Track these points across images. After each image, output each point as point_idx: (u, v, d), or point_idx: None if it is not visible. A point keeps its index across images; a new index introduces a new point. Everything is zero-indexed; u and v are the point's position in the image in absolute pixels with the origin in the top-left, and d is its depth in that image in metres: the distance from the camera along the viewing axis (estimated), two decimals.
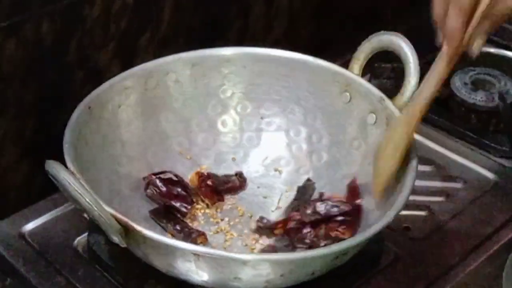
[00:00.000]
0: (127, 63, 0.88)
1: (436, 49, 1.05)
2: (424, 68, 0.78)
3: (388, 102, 0.79)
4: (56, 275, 0.74)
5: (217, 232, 0.78)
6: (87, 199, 0.63)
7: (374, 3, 1.19)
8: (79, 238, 0.78)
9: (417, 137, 0.90)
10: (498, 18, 0.68)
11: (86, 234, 0.77)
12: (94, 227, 0.69)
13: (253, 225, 0.79)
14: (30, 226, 0.79)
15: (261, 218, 0.79)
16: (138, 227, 0.64)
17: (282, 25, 1.08)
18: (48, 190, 0.78)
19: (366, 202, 0.77)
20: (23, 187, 0.86)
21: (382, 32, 0.80)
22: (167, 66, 0.83)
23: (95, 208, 0.63)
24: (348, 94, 0.82)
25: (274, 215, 0.81)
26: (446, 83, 0.97)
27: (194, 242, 0.73)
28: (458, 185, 0.88)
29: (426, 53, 0.96)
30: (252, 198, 0.83)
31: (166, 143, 0.84)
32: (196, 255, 0.64)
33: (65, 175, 0.63)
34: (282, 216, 0.79)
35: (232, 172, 0.85)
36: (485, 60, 1.04)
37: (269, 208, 0.82)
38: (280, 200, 0.82)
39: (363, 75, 0.85)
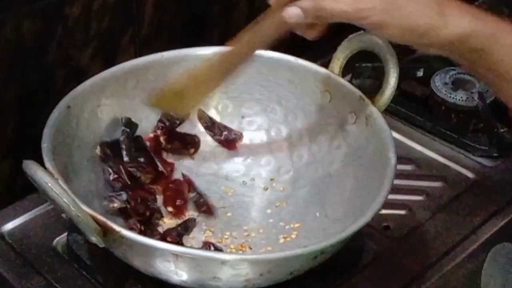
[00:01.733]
0: (109, 63, 0.88)
1: (415, 50, 1.06)
2: (402, 69, 0.79)
3: (367, 101, 0.79)
4: (35, 275, 0.74)
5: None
6: (64, 199, 0.63)
7: None
8: (58, 238, 0.78)
9: (397, 136, 0.92)
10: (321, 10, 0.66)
11: (65, 234, 0.77)
12: (73, 227, 0.69)
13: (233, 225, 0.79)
14: (9, 226, 0.79)
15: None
16: (117, 227, 0.64)
17: None
18: (29, 190, 0.78)
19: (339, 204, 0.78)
20: (3, 187, 0.86)
21: (361, 32, 0.80)
22: (148, 65, 0.83)
23: (73, 208, 0.63)
24: (328, 93, 0.83)
25: (254, 214, 0.81)
26: (426, 83, 0.99)
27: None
28: (438, 184, 0.88)
29: (406, 53, 0.97)
30: (233, 197, 0.83)
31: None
32: (175, 255, 0.64)
33: (42, 175, 0.63)
34: (260, 215, 0.80)
35: (213, 170, 0.85)
36: None
37: (247, 206, 0.82)
38: (259, 199, 0.83)
39: (344, 74, 0.86)
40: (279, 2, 0.68)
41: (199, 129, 0.86)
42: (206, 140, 0.87)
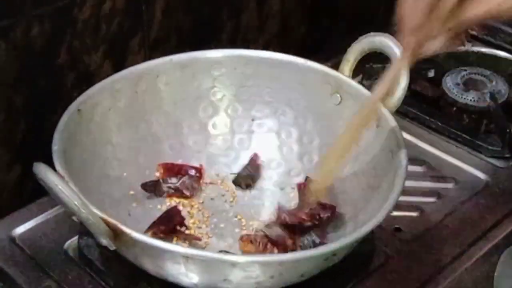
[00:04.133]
0: (118, 66, 0.88)
1: None
2: (413, 70, 0.79)
3: (378, 103, 0.78)
4: (46, 278, 0.74)
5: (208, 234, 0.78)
6: (75, 202, 0.63)
7: (366, 4, 1.19)
8: (69, 241, 0.78)
9: (408, 137, 0.91)
10: (459, 24, 0.65)
11: (76, 237, 0.77)
12: (84, 230, 0.69)
13: (243, 227, 0.79)
14: (20, 229, 0.79)
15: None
16: (127, 230, 0.64)
17: (274, 26, 1.08)
18: (39, 193, 0.78)
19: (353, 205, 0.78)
20: (14, 191, 0.86)
21: (372, 33, 0.80)
22: (158, 69, 0.83)
23: (83, 211, 0.63)
24: (338, 95, 0.83)
25: (265, 217, 0.81)
26: (437, 83, 0.99)
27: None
28: (449, 185, 0.88)
29: None
30: (243, 200, 0.83)
31: (157, 146, 0.84)
32: (186, 257, 0.64)
33: (53, 178, 0.63)
34: (271, 218, 0.79)
35: (223, 173, 0.85)
36: (477, 60, 1.04)
37: (260, 210, 0.82)
38: (270, 202, 0.83)
39: (355, 76, 0.85)
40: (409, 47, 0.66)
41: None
42: (216, 143, 0.87)
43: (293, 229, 0.75)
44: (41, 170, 0.64)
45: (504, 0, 0.62)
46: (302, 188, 0.81)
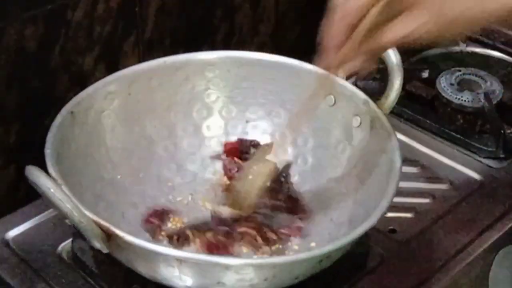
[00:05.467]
0: (112, 67, 0.88)
1: (421, 51, 1.06)
2: (407, 71, 0.79)
3: (372, 104, 0.79)
4: (40, 281, 0.74)
5: None
6: (67, 205, 0.63)
7: None
8: (63, 244, 0.77)
9: (402, 137, 0.91)
10: (371, 52, 0.67)
11: (70, 239, 0.77)
12: (78, 233, 0.68)
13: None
14: (13, 232, 0.79)
15: None
16: (120, 233, 0.64)
17: (268, 27, 1.08)
18: (33, 196, 0.77)
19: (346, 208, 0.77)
20: (7, 193, 0.86)
21: None
22: (151, 71, 0.83)
23: (75, 214, 0.63)
24: (332, 97, 0.82)
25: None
26: (431, 83, 0.99)
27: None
28: (444, 186, 0.88)
29: (409, 55, 0.96)
30: None
31: (151, 148, 0.84)
32: (179, 260, 0.64)
33: (45, 182, 0.63)
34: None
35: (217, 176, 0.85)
36: (471, 60, 1.04)
37: None
38: None
39: (349, 76, 0.85)
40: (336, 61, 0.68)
41: None
42: (210, 145, 0.86)
43: None
44: (33, 173, 0.63)
45: (418, 26, 0.63)
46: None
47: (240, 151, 0.85)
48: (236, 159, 0.84)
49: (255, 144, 0.85)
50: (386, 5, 0.64)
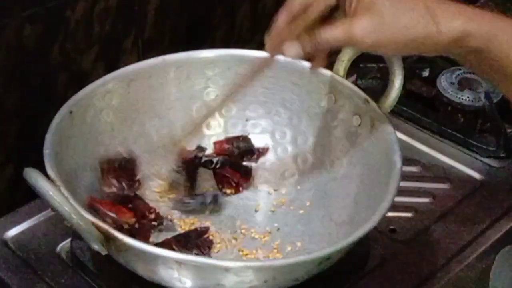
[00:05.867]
0: (111, 66, 0.87)
1: None
2: (407, 70, 0.78)
3: (372, 103, 0.78)
4: (39, 281, 0.74)
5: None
6: (66, 207, 0.63)
7: None
8: (62, 244, 0.77)
9: (402, 137, 0.91)
10: (309, 44, 0.68)
11: (69, 240, 0.77)
12: (77, 233, 0.68)
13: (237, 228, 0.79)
14: (12, 232, 0.79)
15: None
16: (119, 235, 0.63)
17: (268, 27, 1.07)
18: (31, 196, 0.77)
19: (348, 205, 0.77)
20: (6, 193, 0.85)
21: None
22: (151, 69, 0.83)
23: (74, 216, 0.63)
24: (332, 96, 0.82)
25: (258, 218, 0.80)
26: (432, 82, 0.98)
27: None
28: (444, 185, 0.88)
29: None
30: (237, 201, 0.82)
31: (151, 147, 0.83)
32: (178, 262, 0.63)
33: (43, 184, 0.63)
34: (265, 219, 0.80)
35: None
36: None
37: (252, 210, 0.81)
38: (264, 203, 0.82)
39: (349, 75, 0.85)
40: (273, 44, 0.71)
41: None
42: (210, 143, 0.86)
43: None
44: (32, 175, 0.63)
45: (358, 32, 0.64)
46: None
47: (230, 149, 0.85)
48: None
49: (244, 138, 0.85)
50: (330, 5, 0.67)
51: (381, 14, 0.64)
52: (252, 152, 0.85)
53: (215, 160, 0.83)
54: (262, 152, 0.85)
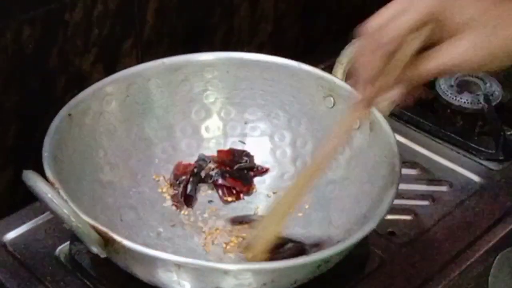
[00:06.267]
0: (110, 69, 0.87)
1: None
2: None
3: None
4: (37, 284, 0.73)
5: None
6: (64, 210, 0.62)
7: (359, 7, 1.19)
8: (61, 247, 0.77)
9: (401, 139, 0.91)
10: (409, 82, 0.63)
11: (68, 242, 0.77)
12: (75, 236, 0.68)
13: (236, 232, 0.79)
14: (11, 235, 0.79)
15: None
16: (118, 238, 0.63)
17: (267, 28, 1.07)
18: (30, 198, 0.77)
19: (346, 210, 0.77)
20: (5, 196, 0.85)
21: None
22: (150, 72, 0.83)
23: (73, 219, 0.63)
24: (332, 98, 0.82)
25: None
26: (431, 85, 0.98)
27: None
28: (443, 188, 0.88)
29: None
30: (236, 204, 0.82)
31: (150, 150, 0.83)
32: (177, 265, 0.63)
33: (42, 186, 0.63)
34: None
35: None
36: None
37: (251, 213, 0.81)
38: (263, 206, 0.82)
39: (348, 78, 0.85)
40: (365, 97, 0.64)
41: None
42: (209, 146, 0.86)
43: None
44: (31, 178, 0.63)
45: (460, 55, 0.60)
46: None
47: (231, 161, 0.84)
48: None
49: (247, 154, 0.85)
50: (422, 34, 0.60)
51: (480, 29, 0.59)
52: (252, 169, 0.85)
53: (214, 173, 0.83)
54: (261, 171, 0.85)
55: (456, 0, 0.60)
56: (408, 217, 0.84)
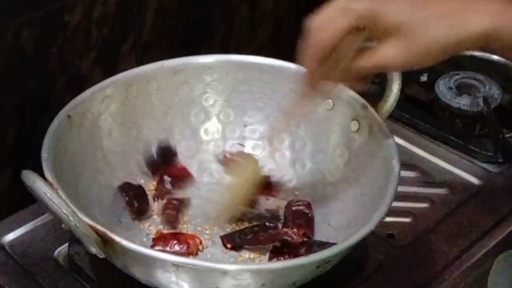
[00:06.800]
0: (110, 70, 0.87)
1: None
2: (406, 75, 0.78)
3: (370, 109, 0.78)
4: (36, 286, 0.73)
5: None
6: (63, 210, 0.62)
7: None
8: (59, 248, 0.77)
9: (400, 141, 0.91)
10: (349, 75, 0.69)
11: (66, 244, 0.77)
12: (74, 237, 0.68)
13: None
14: (10, 236, 0.79)
15: None
16: (117, 238, 0.63)
17: (267, 29, 1.07)
18: (29, 200, 0.77)
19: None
20: (3, 197, 0.85)
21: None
22: (149, 74, 0.83)
23: (72, 219, 0.63)
24: (331, 101, 0.82)
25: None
26: (430, 87, 0.98)
27: None
28: (442, 190, 0.88)
29: None
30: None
31: (149, 152, 0.83)
32: (176, 265, 0.63)
33: (41, 186, 0.63)
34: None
35: (214, 180, 0.84)
36: (470, 64, 1.04)
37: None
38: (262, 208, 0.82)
39: None
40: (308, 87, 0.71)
41: None
42: (208, 149, 0.86)
43: None
44: (30, 178, 0.63)
45: (393, 55, 0.64)
46: None
47: None
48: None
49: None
50: (362, 34, 0.66)
51: (409, 33, 0.64)
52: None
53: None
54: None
55: (389, 2, 0.64)
56: (407, 220, 0.84)
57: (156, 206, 0.80)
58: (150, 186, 0.82)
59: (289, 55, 0.86)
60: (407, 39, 0.64)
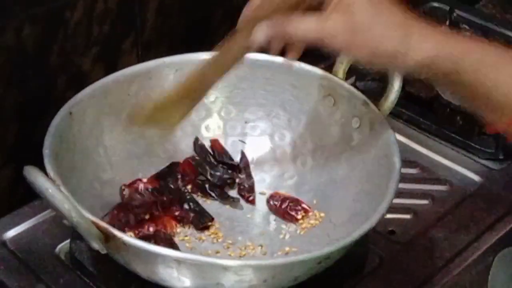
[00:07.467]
0: (111, 68, 0.87)
1: None
2: None
3: (372, 106, 0.78)
4: (38, 282, 0.74)
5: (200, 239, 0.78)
6: (66, 206, 0.63)
7: None
8: (61, 244, 0.77)
9: (401, 138, 0.91)
10: (283, 34, 0.66)
11: (68, 240, 0.77)
12: (76, 233, 0.69)
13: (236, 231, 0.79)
14: (11, 233, 0.79)
15: None
16: (119, 233, 0.63)
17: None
18: (31, 197, 0.77)
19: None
20: (5, 194, 0.85)
21: None
22: (150, 71, 0.83)
23: (74, 215, 0.63)
24: (332, 98, 0.82)
25: (257, 219, 0.81)
26: (431, 84, 0.98)
27: None
28: (443, 187, 0.88)
29: None
30: (236, 203, 0.82)
31: (150, 149, 0.83)
32: (178, 261, 0.63)
33: (43, 181, 0.63)
34: (264, 221, 0.80)
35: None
36: None
37: (253, 212, 0.81)
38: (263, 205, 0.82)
39: (348, 77, 0.85)
40: (246, 25, 0.68)
41: None
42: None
43: None
44: (32, 173, 0.63)
45: (330, 32, 0.63)
46: None
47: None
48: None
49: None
50: None
51: (357, 17, 0.62)
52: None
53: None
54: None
55: None
56: (407, 216, 0.84)
57: None
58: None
59: None
60: (353, 21, 0.62)
